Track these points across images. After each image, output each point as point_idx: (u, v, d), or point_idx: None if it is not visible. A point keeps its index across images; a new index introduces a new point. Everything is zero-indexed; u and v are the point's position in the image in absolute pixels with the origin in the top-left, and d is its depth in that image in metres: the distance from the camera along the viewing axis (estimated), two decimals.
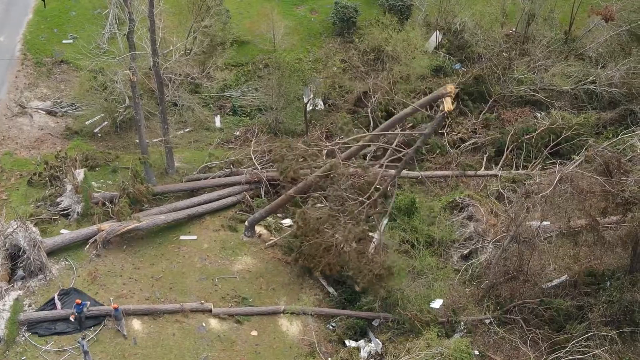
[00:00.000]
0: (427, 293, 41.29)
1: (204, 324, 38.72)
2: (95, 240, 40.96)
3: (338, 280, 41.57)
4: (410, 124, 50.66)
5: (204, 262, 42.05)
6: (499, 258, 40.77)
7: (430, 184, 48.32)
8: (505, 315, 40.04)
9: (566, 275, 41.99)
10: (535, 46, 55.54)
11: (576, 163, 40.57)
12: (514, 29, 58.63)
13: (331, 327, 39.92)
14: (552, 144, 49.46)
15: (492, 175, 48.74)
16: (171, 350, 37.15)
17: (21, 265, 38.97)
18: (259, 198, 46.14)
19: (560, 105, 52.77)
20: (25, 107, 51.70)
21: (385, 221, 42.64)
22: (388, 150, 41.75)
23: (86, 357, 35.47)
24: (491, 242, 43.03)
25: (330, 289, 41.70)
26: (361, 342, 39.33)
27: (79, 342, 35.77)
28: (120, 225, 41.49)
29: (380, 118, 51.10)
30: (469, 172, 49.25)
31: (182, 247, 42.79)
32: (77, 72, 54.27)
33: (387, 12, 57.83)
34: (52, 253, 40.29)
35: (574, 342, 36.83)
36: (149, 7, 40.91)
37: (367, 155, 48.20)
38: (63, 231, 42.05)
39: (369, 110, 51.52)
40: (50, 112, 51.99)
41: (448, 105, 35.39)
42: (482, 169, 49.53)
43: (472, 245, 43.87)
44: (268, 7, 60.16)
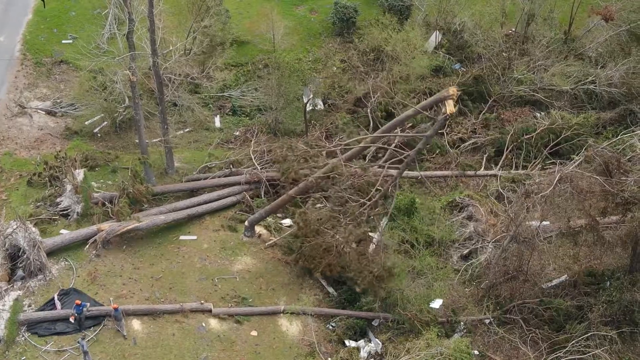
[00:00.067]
0: (427, 293, 41.27)
1: (203, 324, 38.71)
2: (95, 240, 40.96)
3: (338, 280, 41.52)
4: (410, 124, 50.64)
5: (203, 262, 42.04)
6: (499, 258, 40.75)
7: (430, 184, 48.31)
8: (505, 315, 40.03)
9: (566, 275, 41.97)
10: (534, 46, 55.49)
11: (576, 163, 40.50)
12: (513, 29, 58.59)
13: (331, 327, 39.90)
14: (551, 144, 49.43)
15: (492, 175, 48.73)
16: (171, 350, 37.15)
17: (21, 265, 38.96)
18: (258, 198, 46.13)
19: (559, 105, 52.73)
20: (24, 107, 51.67)
21: (385, 221, 42.60)
22: (388, 151, 41.77)
23: (86, 357, 35.47)
24: (491, 242, 43.03)
25: (330, 289, 41.68)
26: (361, 342, 39.30)
27: (78, 342, 35.76)
28: (120, 226, 41.48)
29: (380, 118, 51.16)
30: (469, 172, 49.23)
31: (182, 247, 42.78)
32: (77, 72, 54.24)
33: (387, 12, 57.80)
34: (52, 253, 40.29)
35: (573, 342, 36.84)
36: (148, 7, 40.88)
37: (366, 155, 48.17)
38: (63, 231, 42.04)
39: (368, 111, 51.52)
40: (49, 112, 51.97)
41: (450, 108, 35.37)
42: (482, 169, 49.52)
43: (471, 245, 43.87)
44: (268, 7, 60.12)
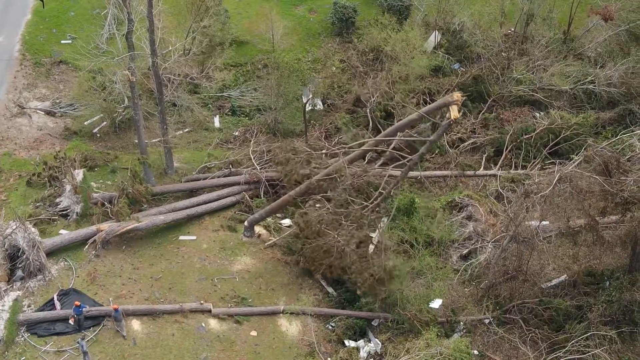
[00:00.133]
0: (427, 293, 41.27)
1: (203, 324, 38.70)
2: (95, 240, 40.97)
3: (337, 280, 41.49)
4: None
5: (203, 262, 42.03)
6: (498, 258, 40.73)
7: (430, 184, 48.30)
8: (505, 315, 40.02)
9: (565, 275, 41.95)
10: (534, 46, 55.49)
11: (575, 163, 40.42)
12: (512, 29, 58.60)
13: (330, 327, 39.89)
14: (551, 144, 49.40)
15: (491, 175, 48.69)
16: (170, 350, 37.14)
17: (20, 265, 38.97)
18: (258, 198, 46.13)
19: (559, 105, 52.69)
20: (24, 108, 51.65)
21: (385, 222, 42.56)
22: (386, 153, 41.72)
23: (85, 358, 35.45)
24: (490, 242, 43.00)
25: (330, 289, 41.68)
26: (360, 342, 39.30)
27: (78, 342, 35.75)
28: (120, 226, 41.47)
29: (379, 118, 51.18)
30: (468, 172, 49.20)
31: (182, 247, 42.78)
32: (76, 73, 54.22)
33: (386, 12, 57.78)
34: (51, 253, 40.31)
35: (573, 341, 36.81)
36: (147, 7, 40.87)
37: (366, 156, 48.14)
38: (62, 231, 42.04)
39: (368, 110, 51.52)
40: (49, 113, 51.95)
41: (454, 113, 35.26)
42: (481, 168, 49.50)
43: (471, 245, 43.85)
44: (267, 7, 60.11)
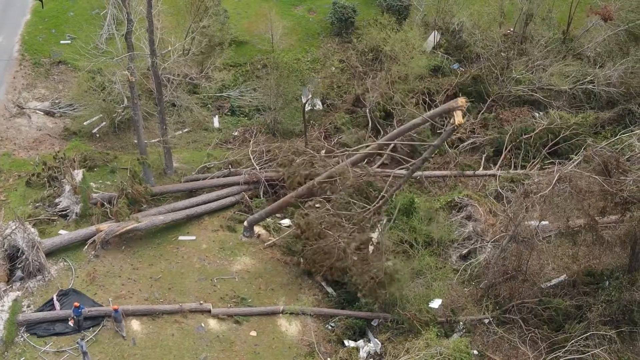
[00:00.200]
0: (426, 293, 41.27)
1: (203, 325, 38.70)
2: (94, 240, 40.96)
3: (337, 280, 41.48)
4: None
5: (202, 262, 42.02)
6: (498, 258, 40.75)
7: (429, 184, 48.31)
8: (504, 315, 40.02)
9: (565, 275, 41.98)
10: (533, 46, 55.51)
11: (575, 163, 40.42)
12: (512, 29, 58.61)
13: (330, 327, 39.89)
14: (550, 144, 49.41)
15: (491, 175, 48.70)
16: (170, 350, 37.13)
17: (20, 266, 38.96)
18: (257, 198, 46.12)
19: (558, 105, 52.71)
20: (23, 108, 51.64)
21: (386, 224, 42.55)
22: (386, 154, 41.67)
23: (85, 358, 35.47)
24: (490, 242, 43.02)
25: (329, 289, 41.68)
26: (360, 342, 39.30)
27: (78, 342, 35.75)
28: (119, 226, 41.46)
29: (378, 118, 51.19)
30: (468, 172, 49.21)
31: (181, 247, 42.76)
32: (75, 73, 54.19)
33: (385, 12, 57.76)
34: (51, 254, 40.30)
35: (573, 341, 36.86)
36: (147, 7, 40.86)
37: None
38: (62, 232, 42.02)
39: (367, 111, 51.52)
40: (48, 113, 51.93)
41: (459, 119, 35.16)
42: (481, 168, 49.52)
43: (470, 245, 43.86)
44: (266, 7, 60.08)
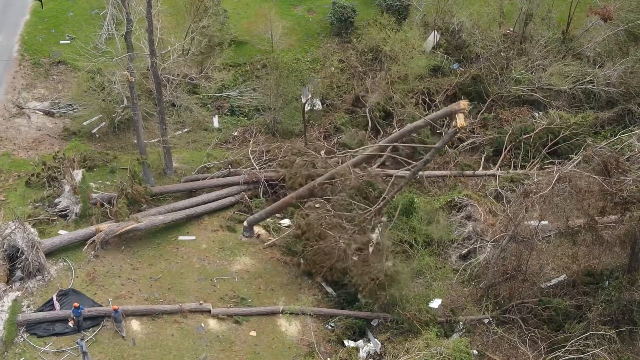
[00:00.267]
0: (426, 293, 41.26)
1: (202, 325, 38.69)
2: (94, 241, 40.95)
3: (337, 281, 41.49)
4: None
5: (202, 262, 42.01)
6: (498, 258, 40.75)
7: (429, 183, 48.31)
8: (504, 315, 40.02)
9: (565, 275, 42.00)
10: (532, 46, 55.53)
11: (574, 162, 40.42)
12: (511, 29, 58.63)
13: (330, 327, 39.89)
14: (550, 144, 49.42)
15: (491, 175, 48.72)
16: (170, 350, 37.13)
17: (19, 266, 38.95)
18: (257, 198, 46.12)
19: (558, 105, 52.74)
20: (23, 108, 51.63)
21: (385, 221, 42.57)
22: (385, 154, 41.59)
23: (85, 358, 35.46)
24: (490, 242, 43.03)
25: (329, 289, 41.68)
26: (360, 342, 39.29)
27: (77, 342, 35.75)
28: (119, 226, 41.45)
29: (378, 118, 51.21)
30: (467, 172, 49.22)
31: (181, 247, 42.76)
32: (75, 73, 54.20)
33: (385, 12, 57.77)
34: (51, 254, 40.29)
35: (572, 341, 36.85)
36: (146, 7, 40.86)
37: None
38: (61, 232, 42.01)
39: (367, 110, 51.54)
40: (48, 113, 51.93)
41: (461, 122, 35.09)
42: (481, 168, 49.53)
43: (470, 245, 43.87)
44: (266, 7, 60.09)
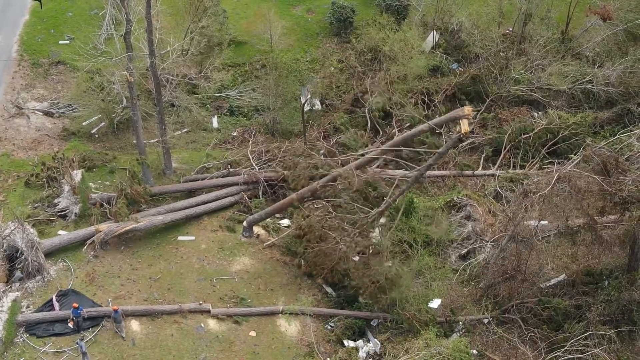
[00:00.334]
0: (426, 293, 41.26)
1: (202, 325, 38.68)
2: (93, 241, 40.94)
3: (337, 282, 41.46)
4: (408, 124, 50.59)
5: (202, 262, 42.00)
6: (497, 257, 40.76)
7: (428, 183, 48.31)
8: (504, 315, 40.04)
9: (564, 275, 42.02)
10: (532, 46, 55.53)
11: (574, 162, 40.45)
12: (510, 29, 58.64)
13: (330, 327, 39.89)
14: (549, 144, 49.43)
15: (490, 175, 48.71)
16: (170, 351, 37.12)
17: (19, 266, 38.95)
18: (256, 198, 46.11)
19: (557, 105, 52.74)
20: (22, 108, 51.60)
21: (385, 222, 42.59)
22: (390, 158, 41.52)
23: (84, 358, 35.46)
24: (489, 242, 43.05)
25: (329, 289, 41.68)
26: (360, 342, 39.30)
27: (77, 343, 35.75)
28: (118, 226, 41.44)
29: (377, 118, 51.21)
30: (467, 172, 49.21)
31: (180, 247, 42.75)
32: (74, 73, 54.18)
33: (384, 12, 57.76)
34: (50, 254, 40.28)
35: (572, 341, 36.87)
36: (146, 7, 40.87)
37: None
38: (61, 232, 42.00)
39: (366, 111, 51.54)
40: (47, 113, 51.90)
41: (465, 127, 35.02)
42: (480, 168, 49.53)
43: (470, 245, 43.88)
44: (265, 7, 60.07)
